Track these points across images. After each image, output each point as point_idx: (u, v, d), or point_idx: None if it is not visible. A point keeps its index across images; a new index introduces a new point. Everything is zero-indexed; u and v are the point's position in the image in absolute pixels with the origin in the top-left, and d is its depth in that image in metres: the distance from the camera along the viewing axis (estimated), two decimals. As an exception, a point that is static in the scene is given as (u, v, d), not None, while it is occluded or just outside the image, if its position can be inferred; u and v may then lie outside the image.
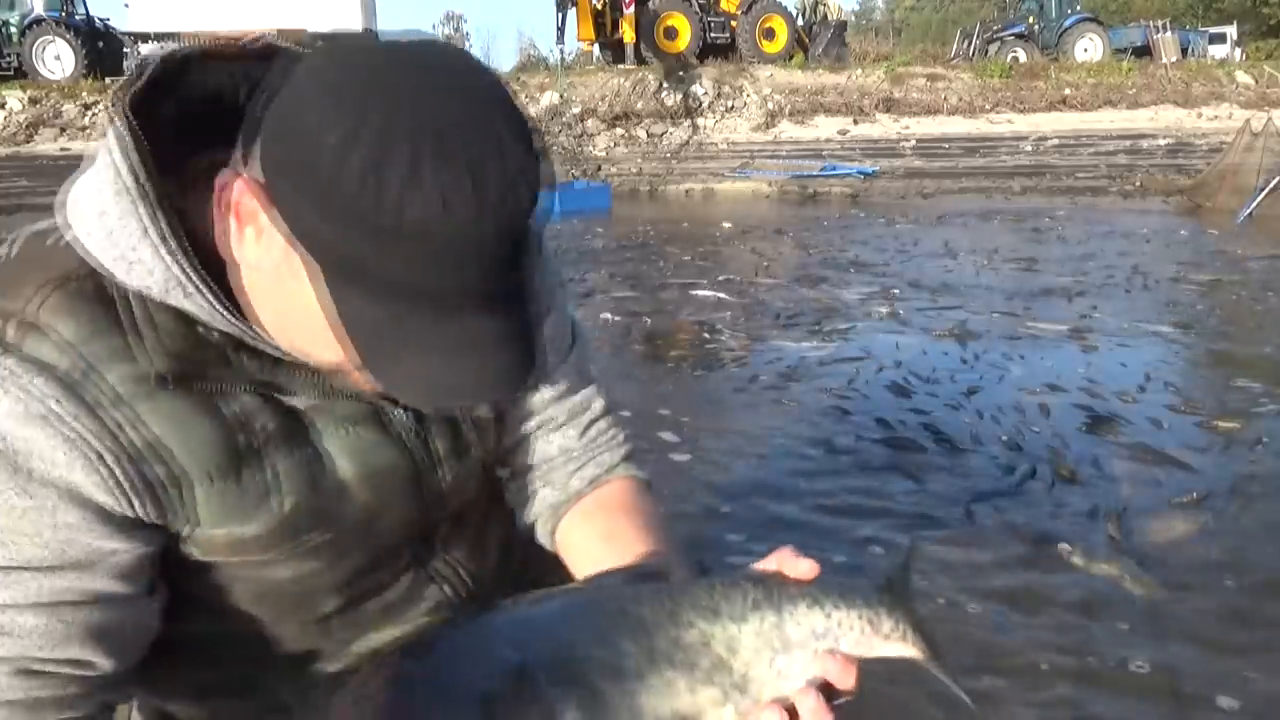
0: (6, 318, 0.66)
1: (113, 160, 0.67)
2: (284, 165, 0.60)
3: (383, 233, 0.57)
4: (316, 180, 0.58)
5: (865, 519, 2.64)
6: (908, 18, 48.87)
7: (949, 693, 0.76)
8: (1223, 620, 2.09)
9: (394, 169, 0.56)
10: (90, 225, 0.67)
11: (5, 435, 0.64)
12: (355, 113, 0.58)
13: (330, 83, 0.60)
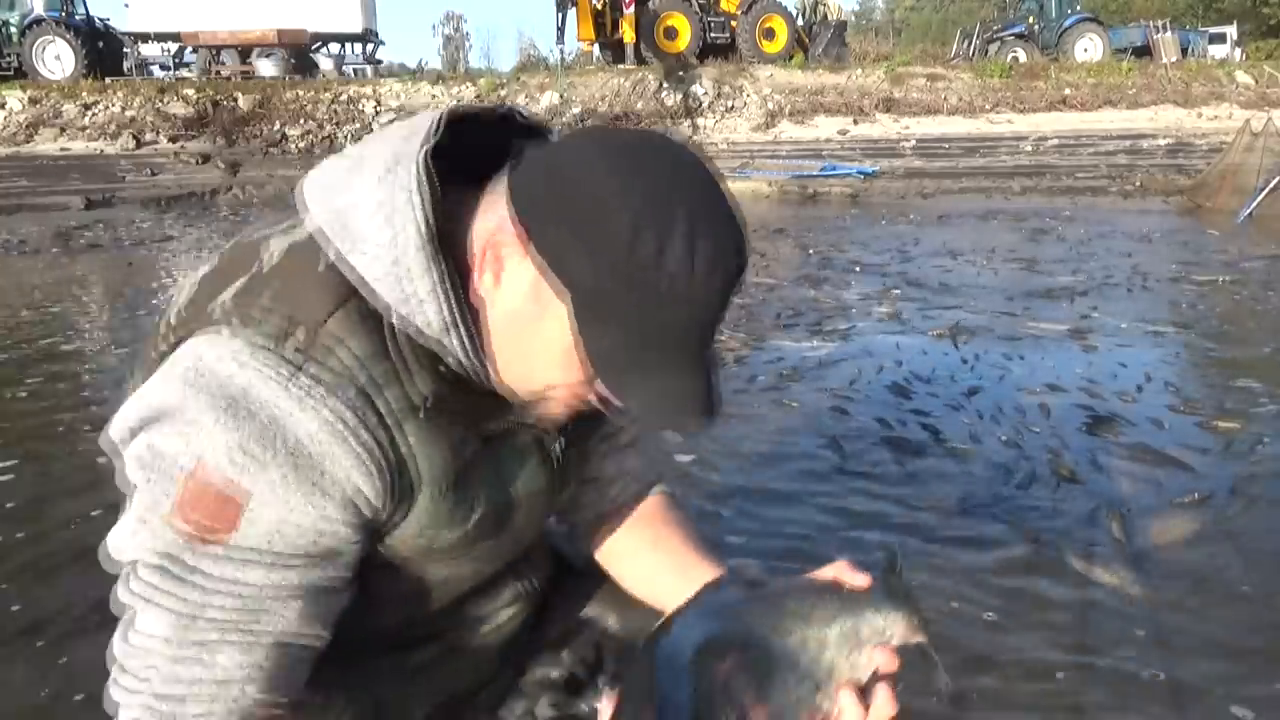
0: (296, 324, 0.73)
1: (413, 216, 0.73)
2: (550, 208, 0.70)
3: (653, 287, 0.69)
4: (586, 222, 0.69)
5: (865, 519, 2.64)
6: (908, 18, 48.86)
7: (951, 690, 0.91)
8: (1223, 620, 2.09)
9: (671, 232, 0.68)
10: (381, 268, 0.73)
11: (309, 439, 0.72)
12: (630, 170, 0.70)
13: (601, 144, 0.73)
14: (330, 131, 15.97)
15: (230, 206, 13.29)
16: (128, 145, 15.23)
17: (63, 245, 9.37)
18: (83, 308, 6.08)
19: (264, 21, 18.66)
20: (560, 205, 0.70)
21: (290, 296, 0.74)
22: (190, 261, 8.08)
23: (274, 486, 0.71)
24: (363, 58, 23.16)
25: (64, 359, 4.63)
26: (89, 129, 15.59)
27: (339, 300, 0.74)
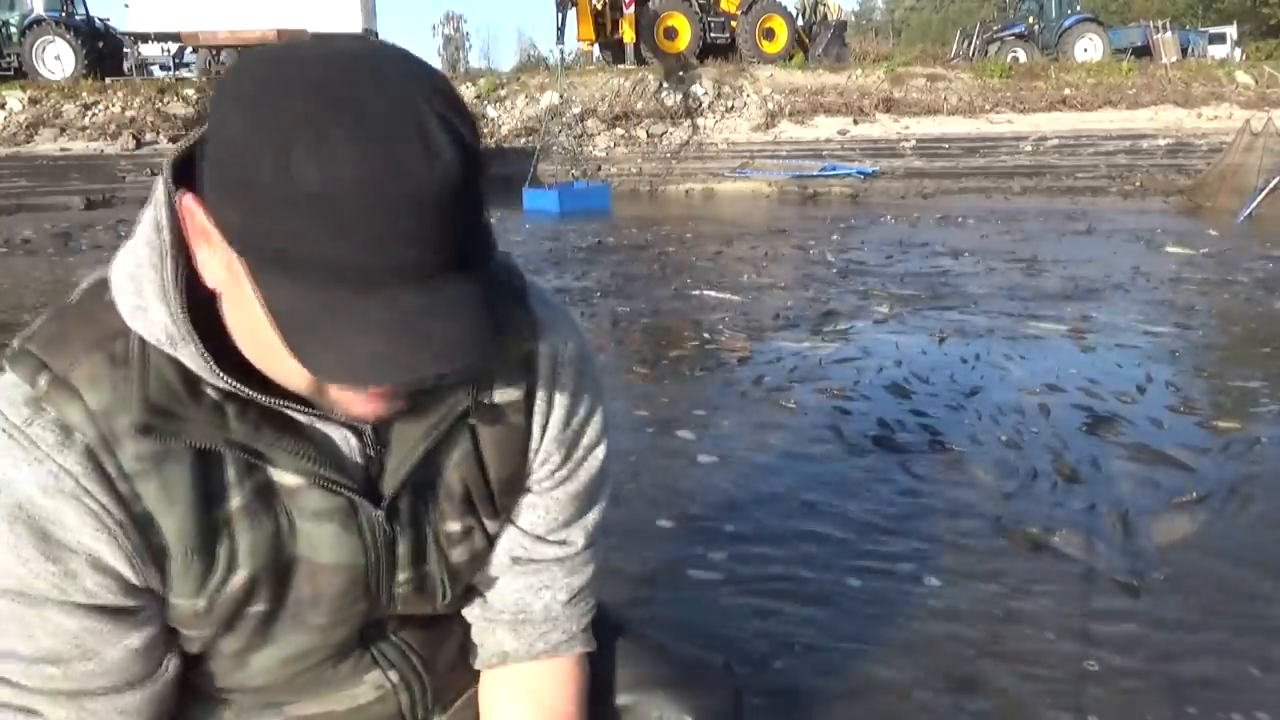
0: (42, 371, 0.68)
1: (154, 218, 0.69)
2: (211, 172, 0.61)
3: (290, 208, 0.55)
4: (228, 173, 0.58)
5: (865, 519, 2.64)
6: (908, 18, 48.85)
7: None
8: (1224, 620, 2.09)
9: (297, 147, 0.55)
10: (122, 276, 0.70)
11: (31, 503, 0.67)
12: (256, 103, 0.57)
13: (238, 86, 0.60)
14: (330, 131, 15.96)
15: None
16: (128, 145, 15.24)
17: (63, 245, 9.37)
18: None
19: (264, 21, 18.65)
20: (211, 155, 0.60)
21: (57, 337, 0.70)
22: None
23: (4, 551, 0.67)
24: (363, 58, 23.18)
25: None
26: (89, 129, 15.59)
27: (98, 341, 0.69)
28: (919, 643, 2.02)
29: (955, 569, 2.33)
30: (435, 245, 0.58)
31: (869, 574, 2.32)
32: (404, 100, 0.58)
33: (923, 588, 2.25)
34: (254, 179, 0.56)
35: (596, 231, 9.64)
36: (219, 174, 0.59)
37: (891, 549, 2.45)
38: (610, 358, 4.54)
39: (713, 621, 2.11)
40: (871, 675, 1.91)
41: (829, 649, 2.00)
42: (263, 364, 0.67)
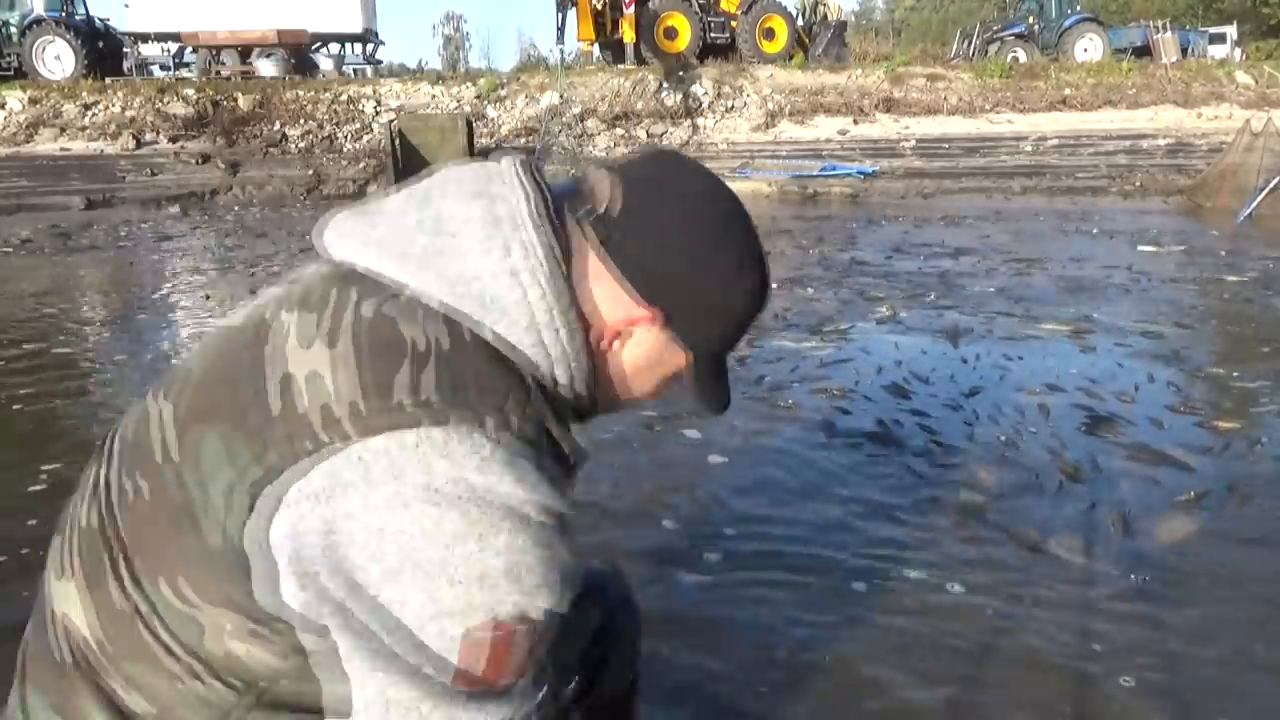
0: (510, 413, 0.78)
1: (555, 286, 0.82)
2: (671, 293, 0.87)
3: (725, 307, 0.91)
4: (699, 306, 0.89)
5: (864, 520, 2.64)
6: (908, 18, 48.84)
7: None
8: (1223, 620, 2.09)
9: (749, 284, 0.91)
10: (522, 333, 0.81)
11: (545, 512, 0.77)
12: (716, 241, 0.89)
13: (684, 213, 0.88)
14: (330, 131, 15.96)
15: (229, 206, 13.29)
16: (128, 145, 15.23)
17: (63, 245, 9.37)
18: (82, 308, 6.08)
19: (264, 21, 18.65)
20: (678, 291, 0.87)
21: (478, 380, 0.78)
22: (189, 261, 8.09)
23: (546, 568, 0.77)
24: (363, 58, 23.16)
25: (63, 359, 4.63)
26: (89, 129, 15.58)
27: (523, 384, 0.81)
28: (918, 643, 2.02)
29: (955, 569, 2.33)
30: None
31: (869, 574, 2.32)
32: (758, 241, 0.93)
33: (922, 588, 2.25)
34: (700, 277, 0.87)
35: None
36: (695, 306, 0.89)
37: (892, 549, 2.45)
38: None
39: (711, 621, 2.11)
40: (870, 675, 1.91)
41: (828, 648, 2.00)
42: (626, 396, 0.94)
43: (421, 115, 15.12)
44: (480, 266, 0.80)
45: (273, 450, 0.74)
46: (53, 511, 0.90)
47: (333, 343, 0.77)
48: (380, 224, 0.85)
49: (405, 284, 0.80)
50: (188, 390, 0.83)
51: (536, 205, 0.83)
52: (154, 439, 0.82)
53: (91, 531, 0.84)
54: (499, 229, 0.81)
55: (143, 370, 4.38)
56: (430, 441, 0.73)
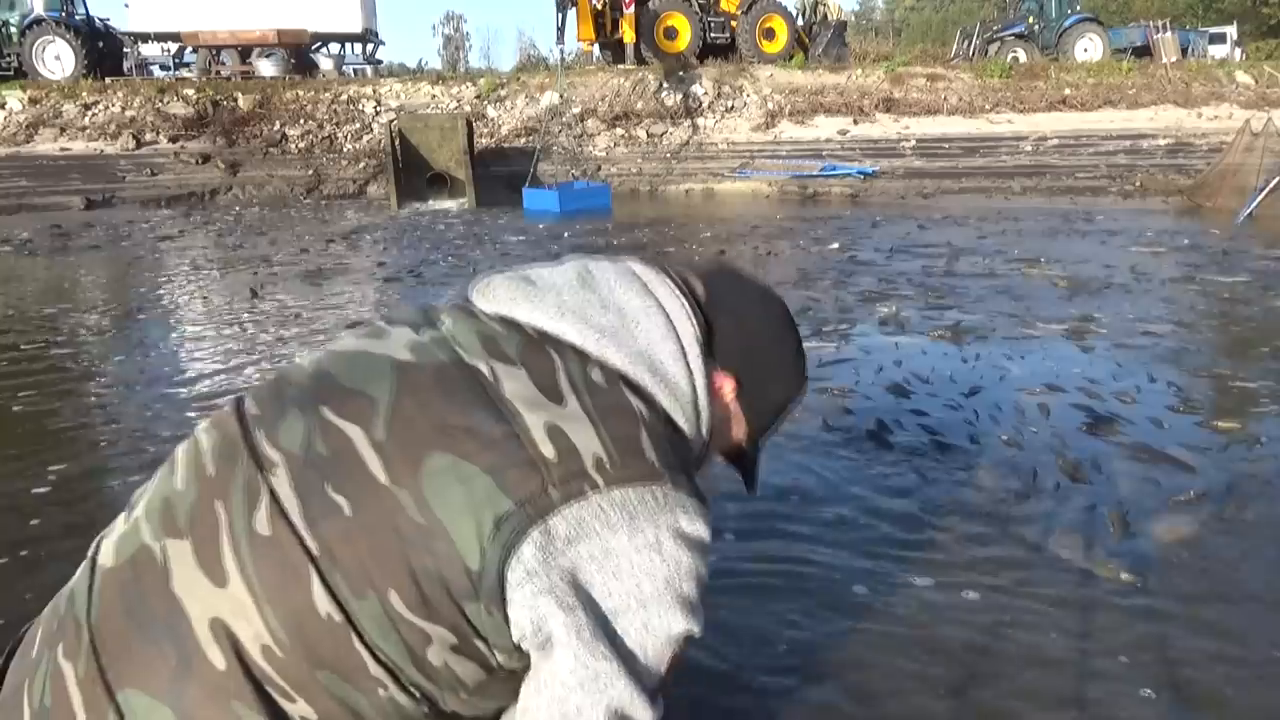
0: (691, 478, 0.97)
1: (707, 388, 1.04)
2: (751, 375, 1.10)
3: (785, 400, 1.17)
4: (763, 384, 1.11)
5: (864, 519, 2.64)
6: (908, 18, 48.83)
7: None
8: (1223, 620, 2.09)
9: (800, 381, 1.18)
10: (681, 407, 1.01)
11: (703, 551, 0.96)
12: (781, 321, 1.15)
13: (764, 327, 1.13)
14: (330, 131, 15.96)
15: (229, 206, 13.29)
16: (128, 145, 15.23)
17: (63, 245, 9.37)
18: (82, 308, 6.08)
19: (264, 21, 18.65)
20: (750, 362, 1.10)
21: (674, 446, 0.97)
22: (189, 261, 8.09)
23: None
24: (363, 58, 23.17)
25: (63, 360, 4.63)
26: (89, 129, 15.59)
27: (687, 445, 1.01)
28: (918, 644, 2.01)
29: (954, 569, 2.33)
30: None
31: (868, 574, 2.32)
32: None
33: (921, 588, 2.25)
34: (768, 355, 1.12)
35: (596, 231, 9.64)
36: (761, 383, 1.11)
37: (891, 550, 2.45)
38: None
39: (709, 622, 2.10)
40: (870, 675, 1.91)
41: (828, 649, 2.00)
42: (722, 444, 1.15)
43: (421, 115, 15.11)
44: (661, 351, 0.99)
45: (517, 489, 0.86)
46: (54, 511, 0.90)
47: (561, 399, 0.91)
48: (566, 298, 1.00)
49: (590, 351, 0.96)
50: (395, 419, 0.90)
51: (691, 308, 1.03)
52: (362, 457, 0.88)
53: (271, 541, 0.86)
54: (671, 327, 1.01)
55: (143, 370, 4.38)
56: (670, 496, 0.91)
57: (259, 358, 4.58)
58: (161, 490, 0.94)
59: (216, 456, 0.92)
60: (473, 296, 1.03)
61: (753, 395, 1.10)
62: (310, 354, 1.04)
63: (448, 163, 13.77)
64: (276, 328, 5.28)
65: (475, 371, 0.92)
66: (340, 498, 0.86)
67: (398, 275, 7.03)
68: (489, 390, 0.90)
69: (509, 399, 0.89)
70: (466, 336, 0.96)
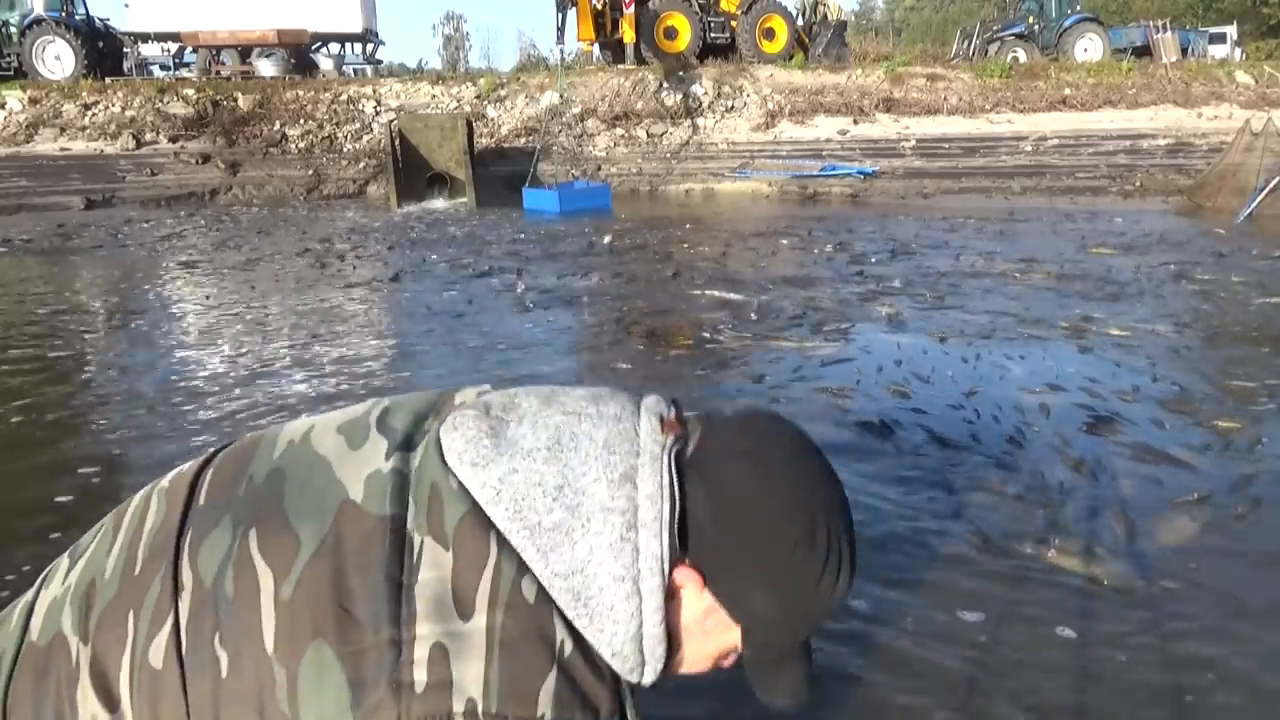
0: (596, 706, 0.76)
1: (659, 607, 0.78)
2: (725, 556, 0.79)
3: (809, 613, 0.84)
4: (757, 565, 0.79)
5: (863, 520, 2.63)
6: (908, 18, 48.84)
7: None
8: (1224, 620, 2.09)
9: (828, 562, 0.80)
10: (624, 645, 0.77)
11: None
12: (786, 505, 0.80)
13: (756, 475, 0.81)
14: (330, 131, 15.96)
15: (229, 206, 13.29)
16: (128, 145, 15.24)
17: (63, 245, 9.37)
18: (82, 308, 6.08)
19: (264, 21, 18.65)
20: (718, 548, 0.79)
21: (589, 693, 0.76)
22: (189, 261, 8.08)
23: None
24: (363, 58, 23.17)
25: (62, 360, 4.63)
26: (89, 129, 15.59)
27: (608, 689, 0.78)
28: (917, 644, 2.01)
29: (955, 570, 2.33)
30: None
31: (868, 575, 2.32)
32: (847, 524, 0.85)
33: (920, 589, 2.25)
34: (791, 590, 0.81)
35: (596, 231, 9.64)
36: (749, 565, 0.79)
37: (890, 551, 2.44)
38: (610, 358, 4.54)
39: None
40: (869, 675, 1.91)
41: (824, 649, 2.00)
42: (680, 662, 0.84)
43: (421, 115, 15.11)
44: (601, 569, 0.76)
45: (368, 715, 0.71)
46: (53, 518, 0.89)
47: (469, 613, 0.74)
48: (519, 469, 0.78)
49: (524, 553, 0.75)
50: (305, 580, 0.75)
51: (671, 510, 0.78)
52: (261, 614, 0.76)
53: (159, 677, 0.77)
54: (631, 533, 0.76)
55: (142, 370, 4.38)
56: None
57: (257, 359, 4.57)
58: (91, 568, 0.85)
59: (147, 550, 0.83)
60: (444, 425, 0.83)
61: (726, 586, 0.80)
62: (298, 425, 0.90)
63: (448, 163, 13.77)
64: (276, 328, 5.28)
65: (406, 544, 0.76)
66: (223, 653, 0.75)
67: (398, 275, 7.03)
68: (405, 574, 0.74)
69: (417, 595, 0.73)
70: (422, 486, 0.79)
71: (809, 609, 0.83)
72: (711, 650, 0.84)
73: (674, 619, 0.80)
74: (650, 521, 0.77)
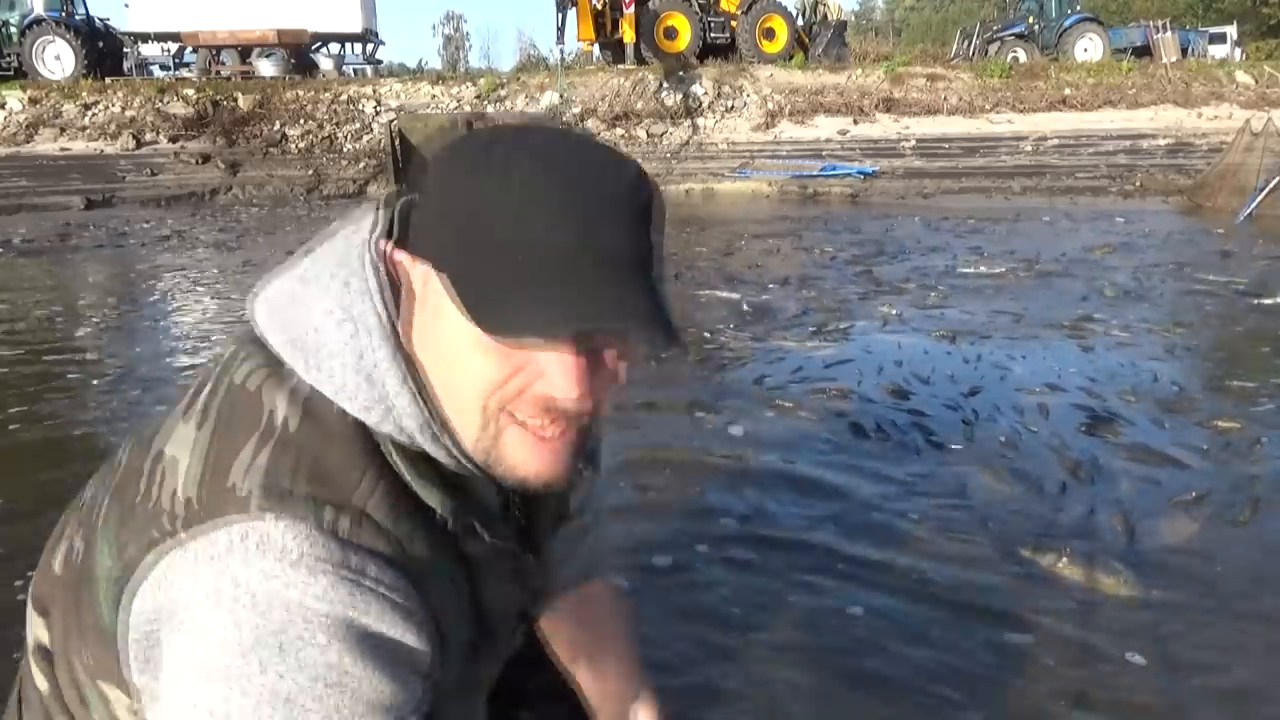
0: (341, 508, 0.69)
1: (377, 310, 0.72)
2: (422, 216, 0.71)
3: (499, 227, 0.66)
4: (436, 203, 0.70)
5: (864, 520, 2.63)
6: (908, 18, 48.85)
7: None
8: (1224, 620, 2.09)
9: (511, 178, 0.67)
10: (349, 378, 0.71)
11: (378, 636, 0.69)
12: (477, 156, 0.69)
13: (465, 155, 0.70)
14: (330, 131, 15.96)
15: (229, 206, 13.29)
16: (128, 145, 15.23)
17: (62, 245, 9.37)
18: (82, 308, 6.08)
19: (264, 21, 18.64)
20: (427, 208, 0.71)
21: (321, 472, 0.69)
22: (189, 261, 8.08)
23: (370, 691, 0.68)
24: (363, 58, 23.16)
25: (62, 360, 4.63)
26: (89, 129, 15.58)
27: (368, 467, 0.71)
28: (915, 647, 2.01)
29: (953, 571, 2.33)
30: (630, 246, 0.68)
31: (867, 575, 2.32)
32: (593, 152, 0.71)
33: (919, 591, 2.25)
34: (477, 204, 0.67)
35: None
36: (431, 208, 0.70)
37: (890, 552, 2.44)
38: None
39: (705, 615, 2.11)
40: (868, 675, 1.91)
41: (822, 649, 2.00)
42: (457, 413, 0.72)
43: (421, 115, 15.11)
44: (315, 314, 0.72)
45: (132, 543, 0.70)
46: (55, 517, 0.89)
47: (202, 421, 0.72)
48: (274, 281, 0.76)
49: (265, 331, 0.73)
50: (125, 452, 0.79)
51: (373, 227, 0.74)
52: (88, 495, 0.80)
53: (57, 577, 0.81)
54: (339, 270, 0.73)
55: (141, 370, 4.38)
56: (249, 539, 0.66)
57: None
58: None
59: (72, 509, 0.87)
60: None
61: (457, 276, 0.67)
62: None
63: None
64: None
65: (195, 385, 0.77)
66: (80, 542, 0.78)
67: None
68: (186, 400, 0.75)
69: (173, 414, 0.74)
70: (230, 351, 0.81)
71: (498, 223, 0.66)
72: (459, 349, 0.69)
73: (406, 338, 0.72)
74: (358, 252, 0.73)
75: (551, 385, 0.69)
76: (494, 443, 0.72)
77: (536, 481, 0.74)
